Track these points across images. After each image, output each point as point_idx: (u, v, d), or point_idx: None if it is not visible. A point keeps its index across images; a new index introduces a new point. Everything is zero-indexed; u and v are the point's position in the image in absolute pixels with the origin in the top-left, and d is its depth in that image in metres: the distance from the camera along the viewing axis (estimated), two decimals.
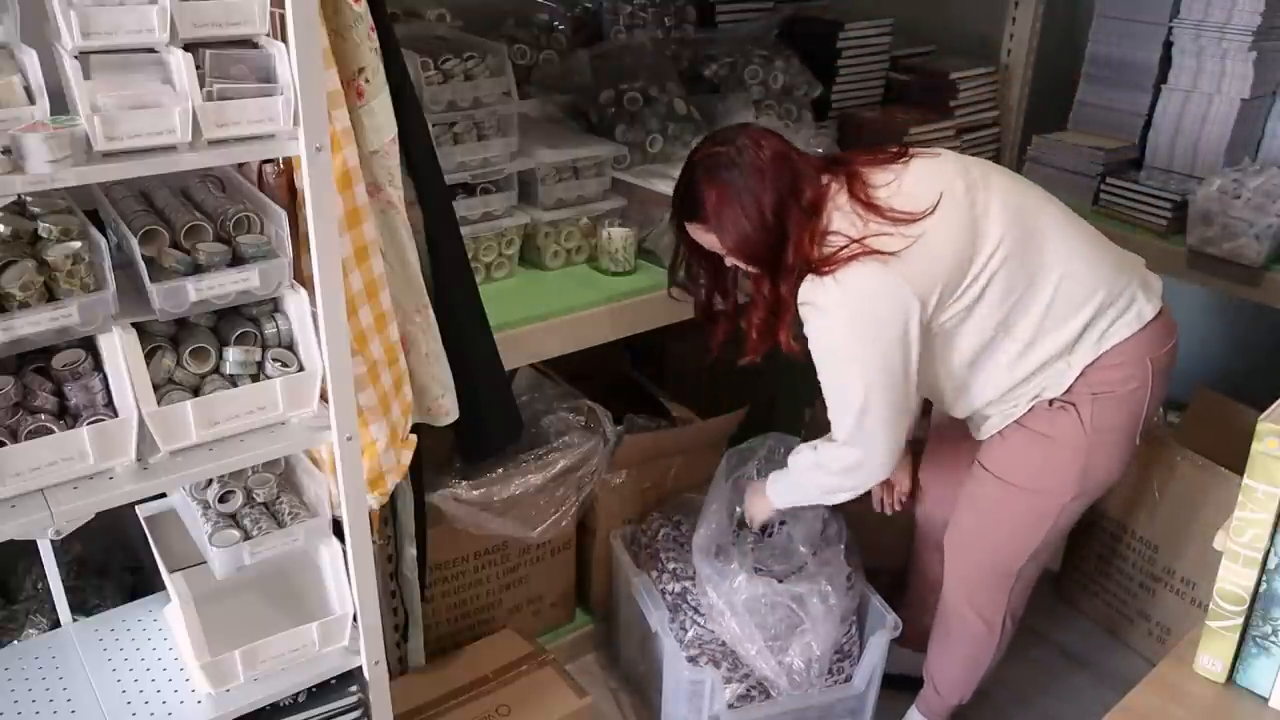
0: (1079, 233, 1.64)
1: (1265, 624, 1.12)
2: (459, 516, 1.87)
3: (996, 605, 1.83)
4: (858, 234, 1.53)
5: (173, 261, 1.17)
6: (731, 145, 1.58)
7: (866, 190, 1.57)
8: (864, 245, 1.52)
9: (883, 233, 1.53)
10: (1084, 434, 1.63)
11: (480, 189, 1.87)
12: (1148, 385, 1.63)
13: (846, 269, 1.53)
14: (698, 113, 2.13)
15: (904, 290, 1.53)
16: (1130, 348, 1.61)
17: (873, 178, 1.59)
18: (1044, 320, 1.59)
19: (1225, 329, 2.98)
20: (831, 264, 1.53)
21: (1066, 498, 1.68)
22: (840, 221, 1.56)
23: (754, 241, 1.58)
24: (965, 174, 1.61)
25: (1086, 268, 1.61)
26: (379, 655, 1.44)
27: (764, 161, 1.56)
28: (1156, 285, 1.68)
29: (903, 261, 1.52)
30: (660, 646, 1.95)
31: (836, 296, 1.53)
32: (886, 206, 1.55)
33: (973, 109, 2.58)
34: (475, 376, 1.62)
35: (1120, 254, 1.69)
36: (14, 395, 1.13)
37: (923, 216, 1.54)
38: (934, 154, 1.65)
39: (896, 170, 1.60)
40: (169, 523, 1.50)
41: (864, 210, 1.55)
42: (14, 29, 1.10)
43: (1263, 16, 2.22)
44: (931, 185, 1.57)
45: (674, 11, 2.32)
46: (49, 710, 1.37)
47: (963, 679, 1.93)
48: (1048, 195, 1.68)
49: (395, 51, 1.39)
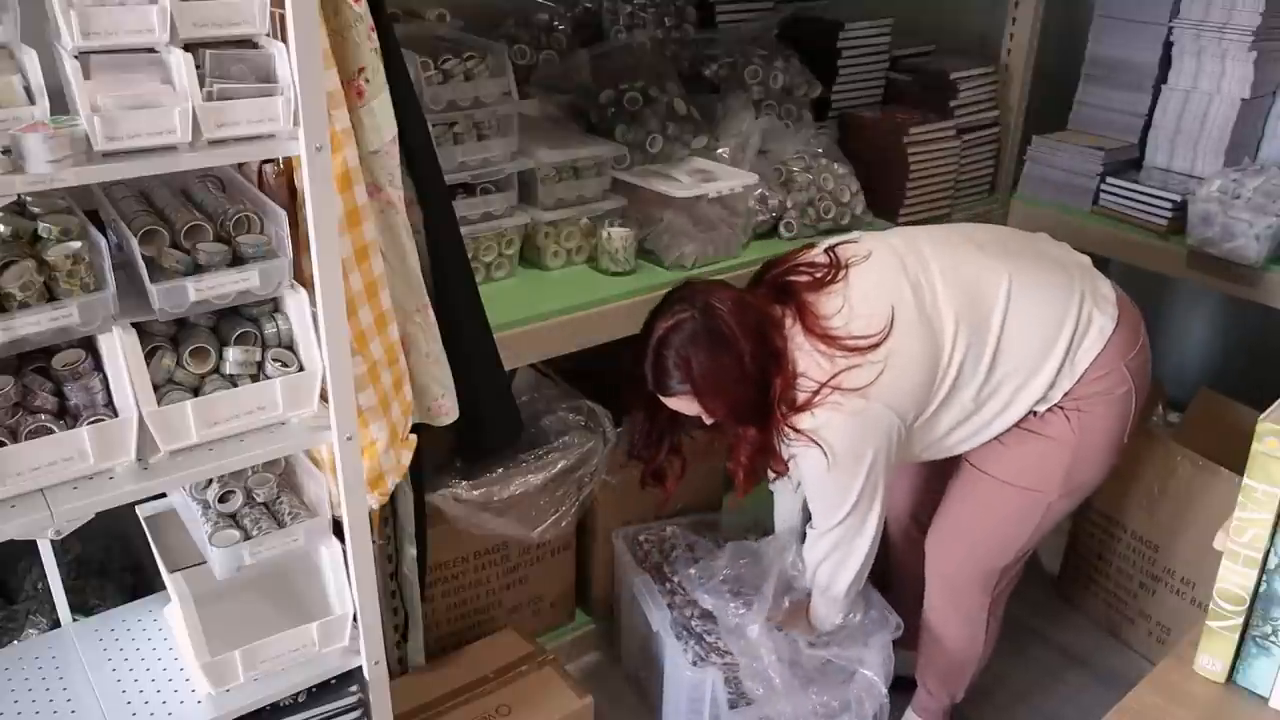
0: (1025, 277, 1.62)
1: (1265, 624, 1.12)
2: (459, 516, 1.87)
3: (979, 604, 1.83)
4: (825, 375, 1.55)
5: (173, 261, 1.17)
6: (692, 309, 1.57)
7: (820, 324, 1.57)
8: (835, 386, 1.54)
9: (851, 366, 1.54)
10: (1073, 434, 1.64)
11: (480, 189, 1.87)
12: (1131, 388, 1.64)
13: (825, 411, 1.55)
14: (698, 113, 2.13)
15: (886, 415, 1.56)
16: (1104, 360, 1.62)
17: (821, 307, 1.59)
18: (1016, 376, 1.61)
19: (1225, 329, 2.98)
20: (809, 407, 1.56)
21: (1054, 496, 1.69)
22: (805, 362, 1.57)
23: (742, 400, 1.58)
24: (904, 270, 1.60)
25: (1041, 315, 1.60)
26: (379, 655, 1.44)
27: (731, 317, 1.55)
28: (1108, 292, 1.67)
29: (877, 389, 1.54)
30: (661, 646, 1.95)
31: (824, 436, 1.56)
32: (846, 336, 1.55)
33: (973, 109, 2.57)
34: (475, 376, 1.62)
35: (1066, 269, 1.67)
36: (14, 395, 1.13)
37: (882, 339, 1.54)
38: (864, 255, 1.63)
39: (840, 291, 1.59)
40: (169, 523, 1.49)
41: (825, 346, 1.56)
42: (14, 29, 1.10)
43: (1263, 16, 2.22)
44: (880, 298, 1.57)
45: (674, 11, 2.32)
46: (49, 710, 1.37)
47: (951, 679, 1.94)
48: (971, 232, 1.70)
49: (395, 51, 1.39)
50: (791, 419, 1.57)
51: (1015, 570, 1.83)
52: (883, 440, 1.58)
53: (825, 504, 1.67)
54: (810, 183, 2.21)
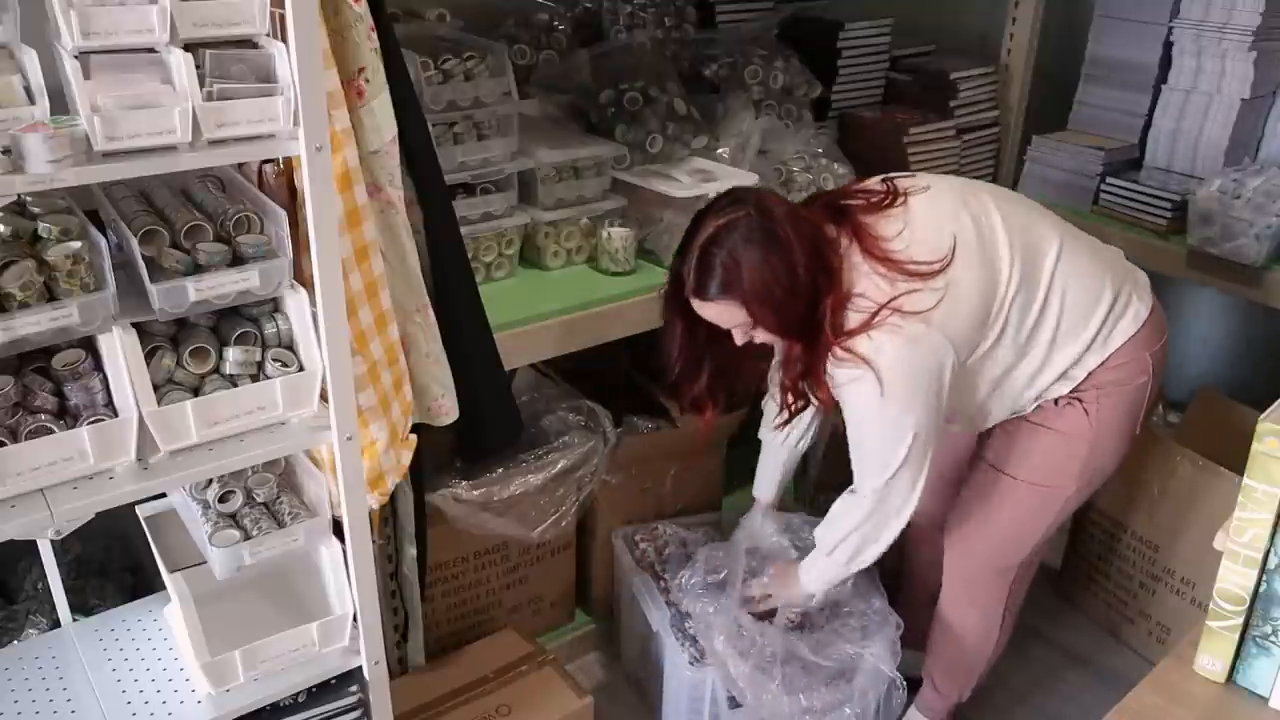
0: (1074, 242, 1.63)
1: (1265, 624, 1.12)
2: (459, 516, 1.87)
3: (997, 600, 1.83)
4: (885, 297, 1.47)
5: (173, 261, 1.17)
6: (744, 210, 1.47)
7: (879, 246, 1.50)
8: (896, 308, 1.47)
9: (911, 290, 1.48)
10: (1089, 427, 1.64)
11: (480, 189, 1.87)
12: (1149, 379, 1.65)
13: (883, 334, 1.47)
14: (698, 113, 2.13)
15: (943, 346, 1.49)
16: (1131, 347, 1.62)
17: (880, 229, 1.52)
18: (1056, 337, 1.59)
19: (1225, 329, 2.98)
20: (866, 329, 1.47)
21: (1070, 490, 1.69)
22: (863, 283, 1.49)
23: (791, 312, 1.48)
24: (965, 205, 1.56)
25: (1087, 278, 1.60)
26: (379, 655, 1.44)
27: (787, 222, 1.47)
28: (1145, 281, 1.69)
29: (938, 315, 1.48)
30: (661, 646, 1.95)
31: (880, 363, 1.47)
32: (908, 260, 1.49)
33: (973, 109, 2.58)
34: (475, 376, 1.62)
35: (1111, 255, 1.69)
36: (14, 395, 1.13)
37: (945, 267, 1.49)
38: (924, 188, 1.58)
39: (899, 216, 1.54)
40: (169, 523, 1.49)
41: (885, 268, 1.49)
42: (14, 29, 1.10)
43: (1263, 16, 2.22)
44: (941, 228, 1.53)
45: (674, 11, 2.32)
46: (49, 710, 1.37)
47: (962, 677, 1.94)
48: (1036, 205, 1.67)
49: (395, 51, 1.39)
50: (846, 342, 1.48)
51: (1031, 566, 1.84)
52: (936, 376, 1.50)
53: (873, 455, 1.57)
54: (810, 183, 2.20)
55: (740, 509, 2.14)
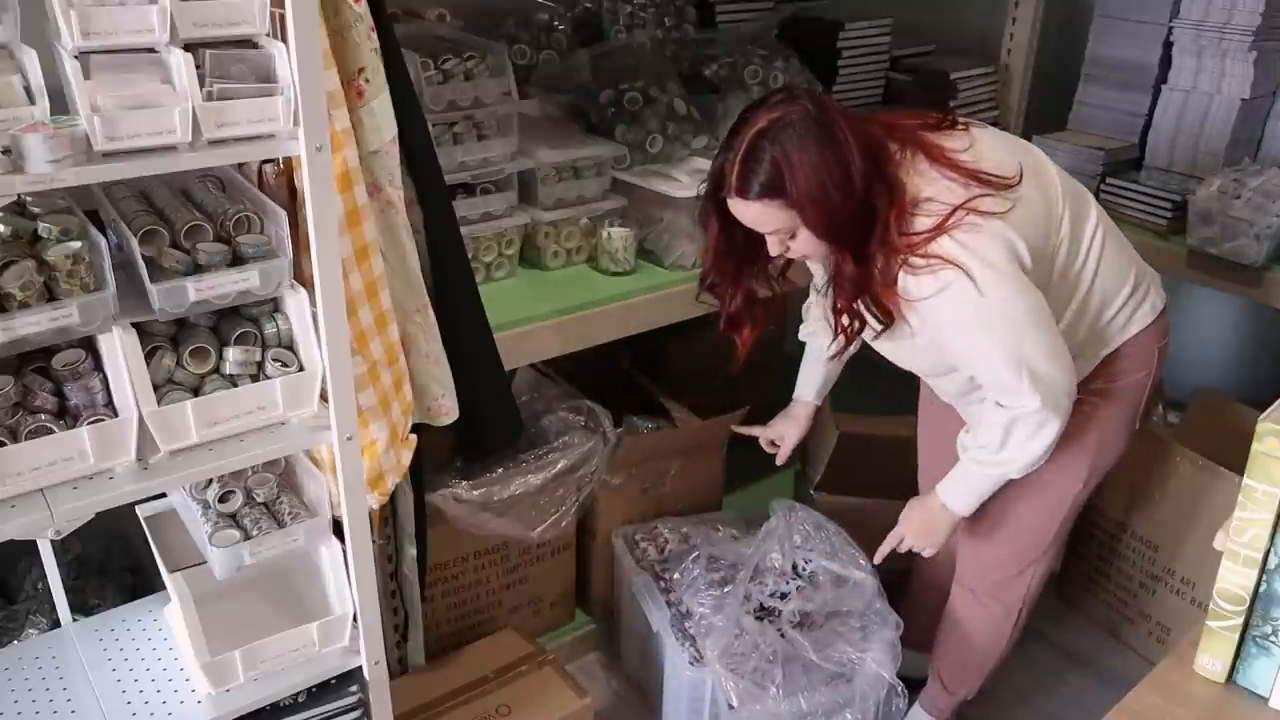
0: (1108, 223, 1.63)
1: (1265, 624, 1.12)
2: (459, 516, 1.87)
3: (1017, 592, 1.84)
4: (959, 199, 1.41)
5: (173, 261, 1.17)
6: (798, 107, 1.38)
7: (948, 155, 1.45)
8: (973, 208, 1.40)
9: (985, 194, 1.42)
10: (1093, 423, 1.65)
11: (480, 189, 1.87)
12: (1151, 374, 1.67)
13: (963, 233, 1.40)
14: (698, 113, 2.13)
15: (1020, 245, 1.43)
16: (1144, 338, 1.64)
17: (946, 143, 1.48)
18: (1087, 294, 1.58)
19: (1225, 329, 2.98)
20: (941, 232, 1.40)
21: (1079, 484, 1.71)
22: (932, 188, 1.43)
23: (843, 215, 1.39)
24: (1026, 147, 1.58)
25: (1117, 259, 1.61)
26: (379, 655, 1.44)
27: (840, 125, 1.38)
28: (1159, 278, 1.71)
29: (1014, 217, 1.43)
30: (661, 646, 1.95)
31: (968, 260, 1.39)
32: (980, 170, 1.44)
33: (972, 109, 2.57)
34: (475, 376, 1.62)
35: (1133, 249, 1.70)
36: (14, 395, 1.13)
37: (1015, 183, 1.45)
38: (980, 124, 1.57)
39: (963, 135, 1.51)
40: (169, 523, 1.49)
41: (958, 175, 1.43)
42: (14, 29, 1.10)
43: (1263, 16, 2.22)
44: (1008, 152, 1.51)
45: (674, 11, 2.32)
46: (49, 710, 1.37)
47: (972, 672, 1.94)
48: None
49: (395, 51, 1.39)
50: (924, 247, 1.39)
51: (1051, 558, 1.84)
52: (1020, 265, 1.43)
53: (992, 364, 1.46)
54: None
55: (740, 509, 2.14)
